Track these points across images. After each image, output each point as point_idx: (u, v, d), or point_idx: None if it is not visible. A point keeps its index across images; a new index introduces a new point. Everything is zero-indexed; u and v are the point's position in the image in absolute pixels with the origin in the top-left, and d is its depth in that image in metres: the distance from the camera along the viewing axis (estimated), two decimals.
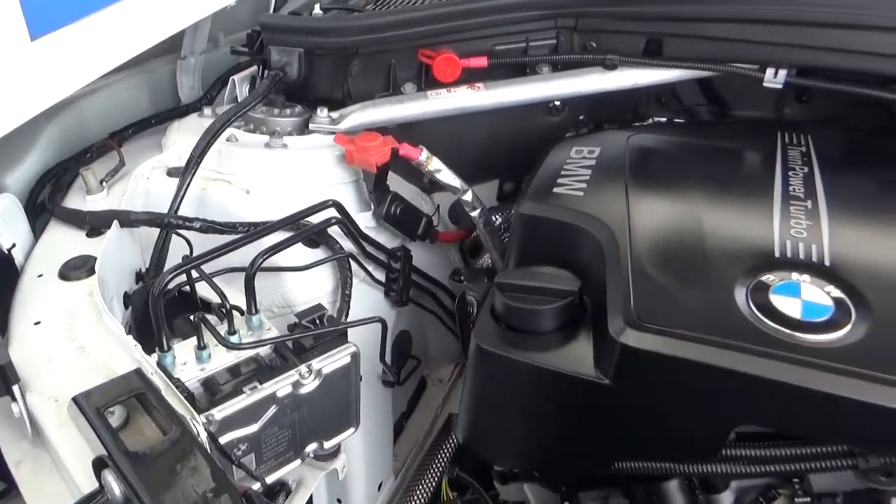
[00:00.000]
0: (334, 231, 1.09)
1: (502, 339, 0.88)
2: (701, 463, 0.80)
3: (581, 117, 1.41)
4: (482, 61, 1.25)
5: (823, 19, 1.14)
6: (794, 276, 0.81)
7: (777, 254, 0.84)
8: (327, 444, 0.95)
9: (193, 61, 1.54)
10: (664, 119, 1.48)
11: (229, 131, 1.17)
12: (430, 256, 1.40)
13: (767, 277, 0.81)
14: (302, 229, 0.98)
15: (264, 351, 0.90)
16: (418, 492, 1.29)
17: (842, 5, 1.13)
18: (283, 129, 1.22)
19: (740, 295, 0.80)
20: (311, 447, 0.93)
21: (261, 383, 0.83)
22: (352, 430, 0.97)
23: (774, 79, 1.17)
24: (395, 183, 1.31)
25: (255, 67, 1.40)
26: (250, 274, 0.87)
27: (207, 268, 0.91)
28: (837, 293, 0.79)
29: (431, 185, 1.37)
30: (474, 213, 1.25)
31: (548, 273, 0.93)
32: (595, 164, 1.09)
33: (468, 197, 1.24)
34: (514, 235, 1.05)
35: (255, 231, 0.92)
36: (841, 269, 0.81)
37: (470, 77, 1.27)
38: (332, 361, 0.89)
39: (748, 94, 1.41)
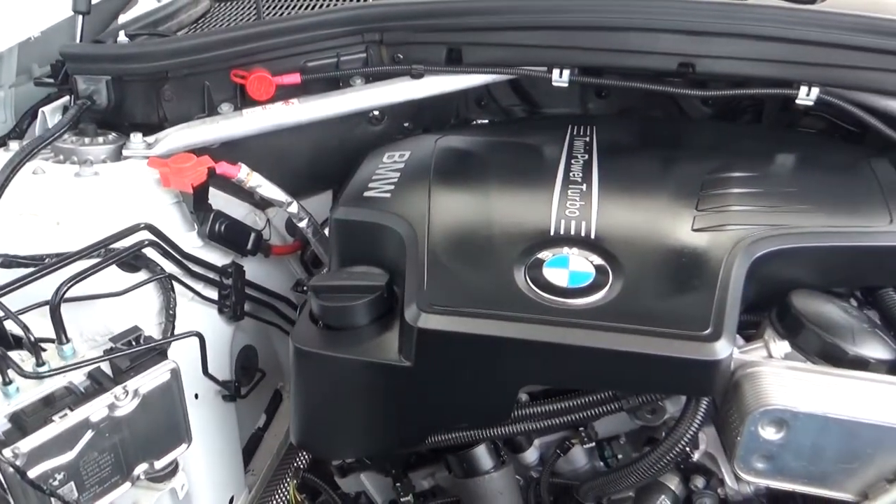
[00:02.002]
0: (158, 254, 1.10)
1: (318, 339, 0.94)
2: (496, 426, 0.89)
3: (406, 124, 1.48)
4: (295, 78, 1.29)
5: (596, 23, 1.27)
6: (565, 250, 0.92)
7: (552, 232, 0.95)
8: (159, 464, 0.96)
9: (3, 94, 1.48)
10: (486, 120, 1.60)
11: (35, 164, 1.15)
12: (270, 270, 1.43)
13: (543, 254, 0.92)
14: (110, 254, 0.98)
15: (79, 379, 0.90)
16: (273, 501, 1.31)
17: (611, 10, 1.28)
18: (95, 157, 1.21)
19: (519, 272, 0.89)
20: (140, 468, 0.94)
21: (72, 410, 0.84)
22: (184, 446, 0.99)
23: (560, 78, 1.30)
24: (226, 201, 1.34)
25: (66, 98, 1.37)
26: (54, 304, 0.87)
27: (22, 302, 0.90)
28: (599, 261, 0.90)
29: (264, 201, 1.40)
30: (302, 224, 1.30)
31: (358, 271, 1.00)
32: (404, 167, 1.17)
33: (294, 209, 1.28)
34: (331, 240, 1.11)
35: (55, 262, 0.92)
36: (603, 240, 0.93)
37: (289, 94, 1.31)
38: (150, 380, 0.91)
39: (555, 92, 1.55)
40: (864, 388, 0.77)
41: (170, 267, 1.12)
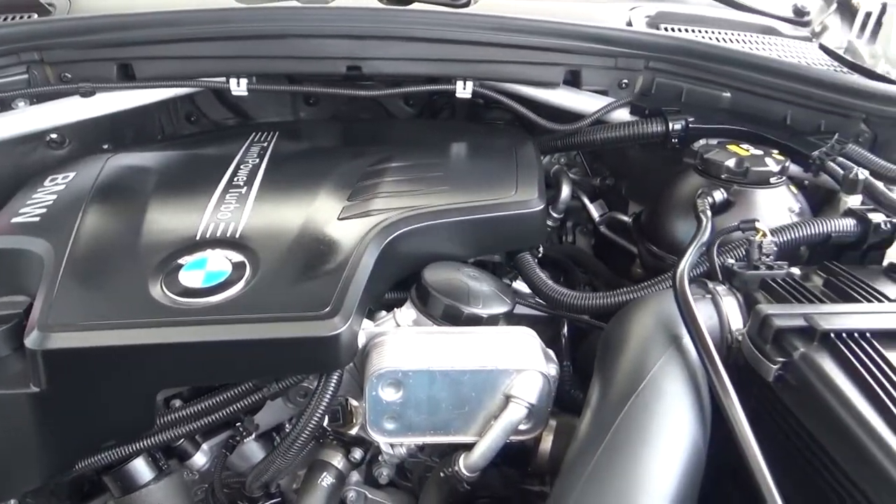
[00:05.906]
0: None
1: None
2: (144, 437, 0.88)
3: (105, 146, 1.41)
4: None
5: (265, 32, 1.29)
6: (207, 252, 0.93)
7: (198, 237, 0.96)
8: None
9: None
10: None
11: None
12: None
13: (184, 259, 0.92)
14: None
15: None
16: None
17: (278, 19, 1.31)
18: None
19: (156, 280, 0.89)
20: None
21: None
22: None
23: (239, 88, 1.32)
24: None
25: None
26: None
27: None
28: (239, 258, 0.92)
29: None
30: None
31: None
32: (63, 189, 1.12)
33: None
34: None
35: None
36: (247, 238, 0.96)
37: None
38: None
39: (265, 102, 1.57)
40: (461, 341, 0.87)
41: None
